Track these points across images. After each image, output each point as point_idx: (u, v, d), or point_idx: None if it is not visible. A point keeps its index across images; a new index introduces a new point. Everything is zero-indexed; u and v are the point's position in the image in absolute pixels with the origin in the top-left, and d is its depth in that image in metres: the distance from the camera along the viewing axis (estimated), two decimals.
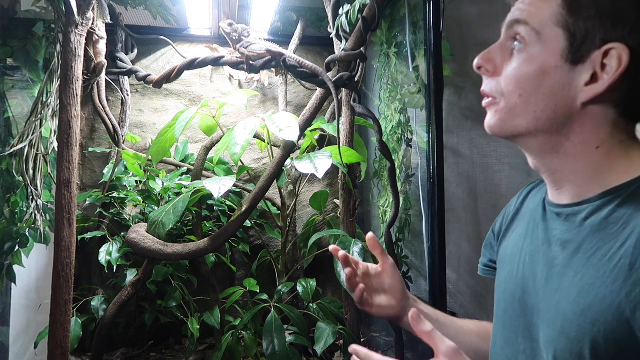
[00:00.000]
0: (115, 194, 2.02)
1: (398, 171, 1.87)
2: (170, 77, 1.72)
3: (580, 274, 0.52)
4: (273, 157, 1.76)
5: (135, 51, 2.14)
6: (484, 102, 0.61)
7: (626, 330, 0.46)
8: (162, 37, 2.11)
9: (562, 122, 0.55)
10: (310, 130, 1.89)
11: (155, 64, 2.33)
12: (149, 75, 1.85)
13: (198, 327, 1.87)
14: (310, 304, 1.83)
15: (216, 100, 1.81)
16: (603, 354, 0.48)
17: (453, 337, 0.71)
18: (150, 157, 1.94)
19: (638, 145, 0.55)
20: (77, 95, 1.48)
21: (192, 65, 1.70)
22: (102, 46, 1.86)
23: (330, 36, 1.71)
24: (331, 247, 0.82)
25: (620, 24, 0.51)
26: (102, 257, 1.87)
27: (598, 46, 0.52)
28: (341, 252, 0.80)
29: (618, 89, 0.52)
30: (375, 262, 0.86)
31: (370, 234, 0.81)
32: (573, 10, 0.53)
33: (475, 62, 0.60)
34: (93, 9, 1.55)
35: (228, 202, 2.21)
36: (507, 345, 0.65)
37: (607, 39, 0.51)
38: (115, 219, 2.08)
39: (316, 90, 1.74)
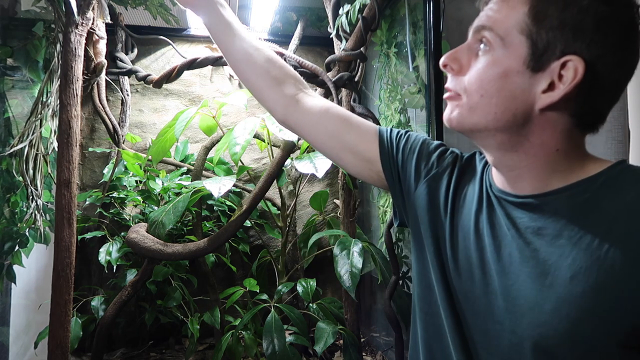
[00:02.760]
0: (115, 194, 2.02)
1: None
2: (170, 77, 1.72)
3: (569, 257, 0.54)
4: (273, 157, 1.76)
5: (135, 51, 2.14)
6: (446, 95, 0.64)
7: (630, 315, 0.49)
8: (162, 37, 2.11)
9: (522, 123, 0.58)
10: None
11: (155, 64, 2.33)
12: (149, 75, 1.86)
13: (198, 327, 1.87)
14: (310, 304, 1.83)
15: (216, 100, 1.81)
16: (602, 333, 0.51)
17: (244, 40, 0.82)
18: (150, 157, 1.94)
19: (588, 153, 0.60)
20: (77, 95, 1.48)
21: (192, 65, 1.70)
22: (102, 46, 1.86)
23: (330, 36, 1.71)
24: None
25: (579, 37, 0.53)
26: (102, 257, 1.87)
27: (557, 57, 0.54)
28: None
29: (573, 100, 0.55)
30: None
31: None
32: (537, 20, 0.55)
33: (442, 60, 0.63)
34: (93, 9, 1.55)
35: (228, 202, 2.21)
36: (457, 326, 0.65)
37: (567, 51, 0.54)
38: (115, 219, 2.08)
39: (316, 90, 1.74)
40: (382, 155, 0.78)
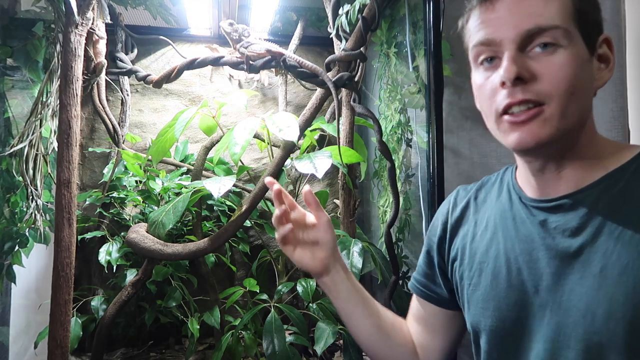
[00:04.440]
0: (115, 194, 2.02)
1: (398, 171, 1.87)
2: (170, 77, 1.72)
3: (614, 253, 0.52)
4: (273, 157, 1.76)
5: (135, 51, 2.14)
6: (522, 116, 0.56)
7: None
8: (162, 37, 2.11)
9: (589, 114, 0.59)
10: (310, 130, 1.89)
11: (155, 64, 2.33)
12: (148, 75, 1.85)
13: (198, 327, 1.87)
14: (310, 304, 1.83)
15: (216, 100, 1.81)
16: None
17: (370, 314, 0.76)
18: (150, 157, 1.94)
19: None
20: (77, 95, 1.48)
21: (192, 65, 1.70)
22: (102, 46, 1.86)
23: (330, 36, 1.71)
24: (266, 179, 0.75)
25: (600, 15, 0.58)
26: (102, 257, 1.87)
27: (598, 34, 0.58)
28: (276, 187, 0.73)
29: None
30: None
31: (306, 188, 0.74)
32: (583, 6, 0.56)
33: (511, 74, 0.55)
34: (93, 9, 1.55)
35: (228, 202, 2.21)
36: (510, 354, 0.63)
37: (600, 30, 0.58)
38: (115, 219, 2.08)
39: (316, 90, 1.74)
40: (446, 304, 0.78)
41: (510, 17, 0.56)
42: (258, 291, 1.91)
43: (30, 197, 1.62)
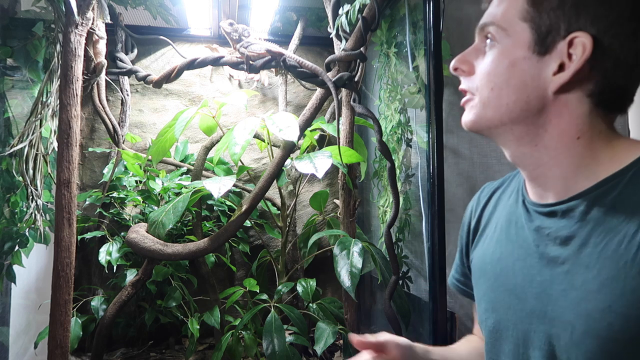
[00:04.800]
0: (115, 194, 2.02)
1: (398, 171, 1.86)
2: (170, 77, 1.72)
3: (595, 268, 0.50)
4: (273, 157, 1.76)
5: (135, 51, 2.14)
6: (462, 100, 0.63)
7: None
8: (162, 37, 2.11)
9: (536, 112, 0.56)
10: (310, 130, 1.89)
11: (155, 64, 2.33)
12: (148, 75, 1.85)
13: (198, 327, 1.87)
14: (310, 304, 1.83)
15: (216, 100, 1.81)
16: (637, 347, 0.47)
17: None
18: (150, 157, 1.94)
19: (618, 136, 0.55)
20: (77, 95, 1.48)
21: (192, 65, 1.70)
22: (102, 46, 1.86)
23: (330, 36, 1.71)
24: (354, 341, 0.72)
25: (582, 13, 0.52)
26: (102, 257, 1.87)
27: (563, 36, 0.53)
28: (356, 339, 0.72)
29: (587, 78, 0.53)
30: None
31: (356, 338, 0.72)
32: (536, 4, 0.55)
33: (452, 64, 0.63)
34: (93, 9, 1.55)
35: (228, 202, 2.21)
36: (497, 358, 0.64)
37: (571, 29, 0.53)
38: (115, 219, 2.08)
39: (316, 90, 1.74)
40: None
41: (486, 12, 0.61)
42: (258, 291, 1.91)
43: (30, 197, 1.62)
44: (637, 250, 0.47)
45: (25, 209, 1.63)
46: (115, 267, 1.89)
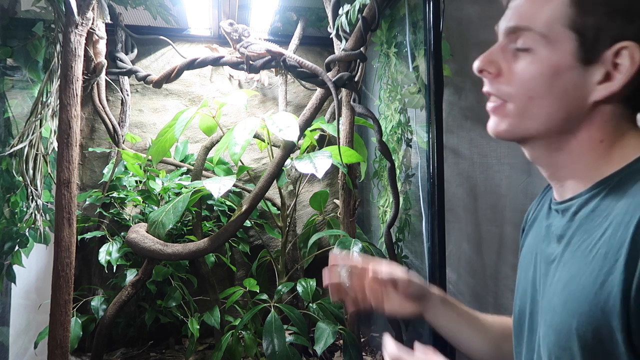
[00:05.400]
0: (115, 194, 2.02)
1: (398, 171, 1.87)
2: (170, 77, 1.72)
3: (567, 266, 0.53)
4: (273, 157, 1.76)
5: (135, 51, 2.14)
6: (490, 105, 0.59)
7: (603, 320, 0.47)
8: (162, 37, 2.11)
9: (575, 121, 0.55)
10: (310, 130, 1.89)
11: (155, 64, 2.33)
12: (148, 75, 1.86)
13: (198, 327, 1.87)
14: (310, 304, 1.83)
15: (216, 100, 1.81)
16: (587, 346, 0.48)
17: (477, 332, 0.75)
18: (150, 157, 1.94)
19: (633, 131, 0.55)
20: (77, 95, 1.48)
21: (192, 65, 1.70)
22: (102, 46, 1.86)
23: (330, 36, 1.71)
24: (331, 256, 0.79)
25: (631, 22, 0.50)
26: (102, 257, 1.87)
27: (609, 44, 0.51)
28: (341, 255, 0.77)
29: (628, 86, 0.52)
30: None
31: (370, 275, 0.77)
32: (582, 10, 0.52)
33: (476, 64, 0.59)
34: (93, 9, 1.55)
35: (228, 202, 2.21)
36: (518, 345, 0.65)
37: (619, 38, 0.51)
38: (115, 219, 2.08)
39: (316, 90, 1.74)
40: None
41: (513, 11, 0.57)
42: (258, 291, 1.91)
43: (30, 197, 1.62)
44: (596, 252, 0.49)
45: (25, 209, 1.63)
46: (115, 267, 1.89)
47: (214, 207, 2.23)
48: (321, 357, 1.85)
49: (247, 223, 2.16)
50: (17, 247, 1.65)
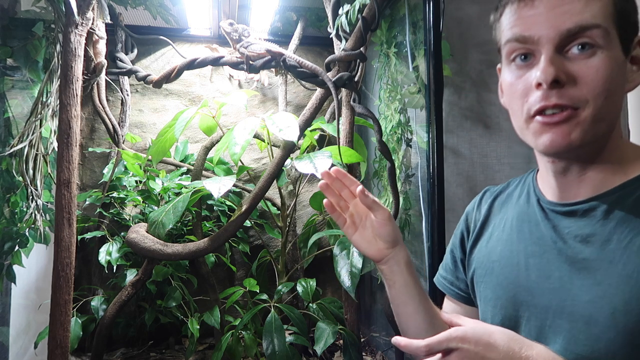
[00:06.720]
0: (115, 194, 2.02)
1: (398, 171, 1.86)
2: (170, 77, 1.72)
3: (620, 263, 0.52)
4: (273, 157, 1.76)
5: (135, 51, 2.14)
6: (560, 115, 0.54)
7: None
8: (162, 37, 2.11)
9: (618, 117, 0.57)
10: (310, 130, 1.89)
11: (155, 64, 2.33)
12: (148, 75, 1.85)
13: (198, 327, 1.87)
14: (310, 304, 1.83)
15: (216, 100, 1.81)
16: None
17: (424, 311, 0.75)
18: (150, 157, 1.94)
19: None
20: (77, 95, 1.48)
21: (192, 65, 1.70)
22: (102, 46, 1.86)
23: (330, 36, 1.71)
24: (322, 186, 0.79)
25: (637, 15, 0.56)
26: (102, 257, 1.87)
27: (634, 35, 0.56)
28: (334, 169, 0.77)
29: None
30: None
31: (359, 189, 0.73)
32: (623, 8, 0.55)
33: (549, 76, 0.53)
34: (93, 9, 1.55)
35: (228, 202, 2.21)
36: None
37: (637, 31, 0.56)
38: (115, 219, 2.08)
39: (316, 90, 1.74)
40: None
41: (550, 15, 0.54)
42: (258, 291, 1.91)
43: (30, 197, 1.62)
44: None
45: (25, 209, 1.63)
46: (115, 267, 1.89)
47: (214, 207, 2.23)
48: (321, 357, 1.85)
49: (247, 223, 2.16)
50: (17, 247, 1.65)
